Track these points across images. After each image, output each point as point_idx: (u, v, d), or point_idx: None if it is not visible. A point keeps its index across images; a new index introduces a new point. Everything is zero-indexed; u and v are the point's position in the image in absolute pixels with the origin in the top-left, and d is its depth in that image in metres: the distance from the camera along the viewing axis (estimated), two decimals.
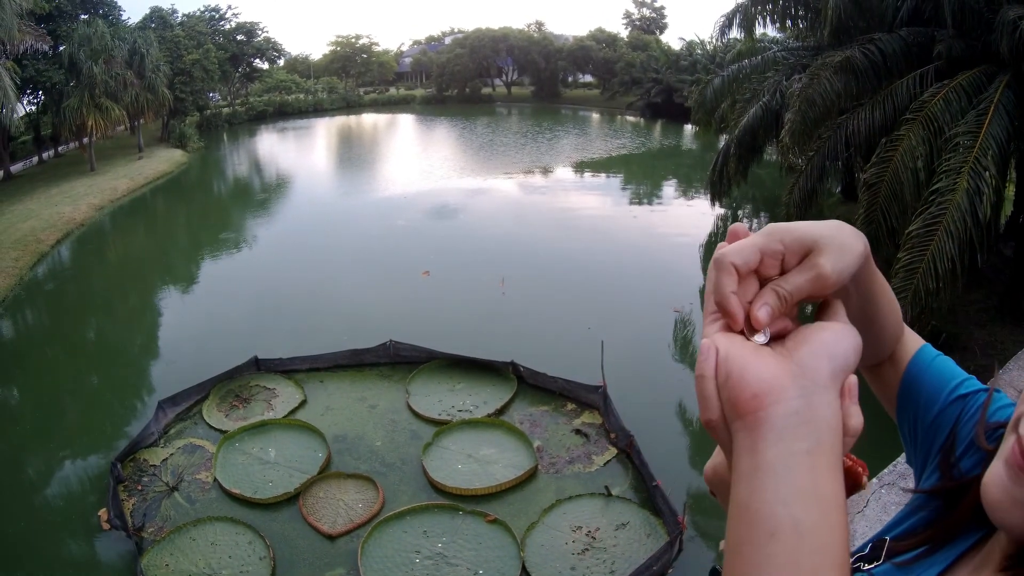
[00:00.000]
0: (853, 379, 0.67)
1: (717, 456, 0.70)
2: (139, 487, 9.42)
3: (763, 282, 0.72)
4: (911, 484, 1.10)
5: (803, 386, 0.63)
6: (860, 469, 0.87)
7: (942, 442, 0.95)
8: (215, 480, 9.52)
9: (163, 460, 9.95)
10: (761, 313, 0.69)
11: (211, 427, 10.76)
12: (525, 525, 8.58)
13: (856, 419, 0.66)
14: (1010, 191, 13.21)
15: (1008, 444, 0.79)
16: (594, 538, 8.43)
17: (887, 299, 1.01)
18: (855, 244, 0.75)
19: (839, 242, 0.73)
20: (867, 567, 1.01)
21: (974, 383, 0.97)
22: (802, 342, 0.68)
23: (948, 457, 0.98)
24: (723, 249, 0.72)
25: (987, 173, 10.19)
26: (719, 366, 0.66)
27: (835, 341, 0.68)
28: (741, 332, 0.70)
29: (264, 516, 8.93)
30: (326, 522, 8.76)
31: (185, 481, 9.56)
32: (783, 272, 0.72)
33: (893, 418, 1.20)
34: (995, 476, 0.80)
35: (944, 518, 0.97)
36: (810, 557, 0.58)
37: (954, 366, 1.14)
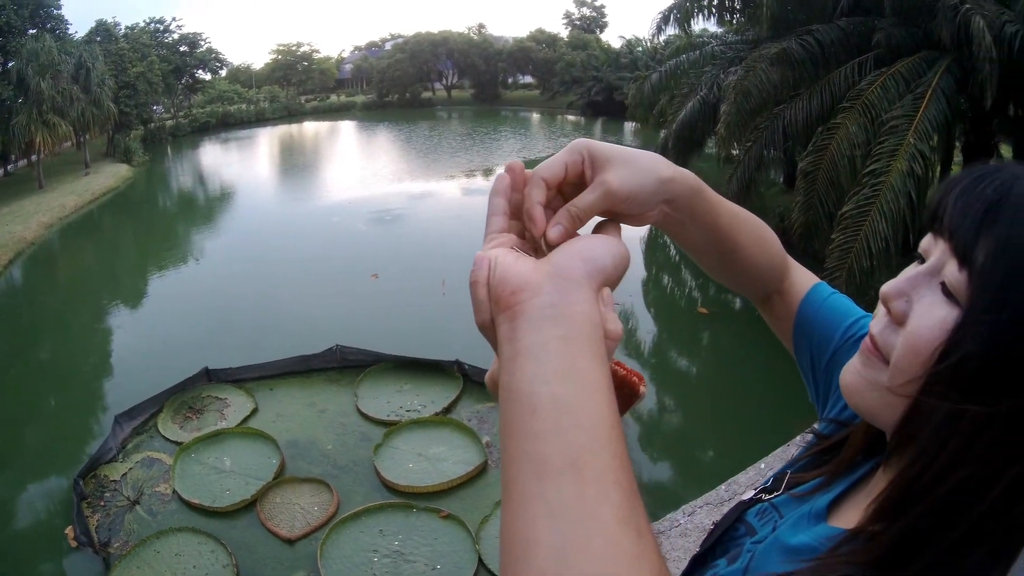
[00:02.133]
0: (607, 290, 0.70)
1: (495, 364, 0.69)
2: (102, 503, 9.29)
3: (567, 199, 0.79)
4: None
5: (557, 283, 0.67)
6: (635, 378, 0.84)
7: (838, 381, 0.94)
8: (174, 491, 9.40)
9: (123, 475, 9.80)
10: (552, 232, 0.75)
11: (167, 439, 10.61)
12: (479, 519, 8.57)
13: (613, 324, 0.68)
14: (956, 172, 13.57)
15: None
16: None
17: (747, 231, 1.05)
18: (655, 167, 0.82)
19: (633, 162, 0.80)
20: (767, 497, 1.05)
21: (869, 321, 0.96)
22: (561, 248, 0.72)
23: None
24: (536, 167, 0.78)
25: (922, 156, 10.41)
26: (490, 273, 0.71)
27: (590, 246, 0.71)
28: (535, 249, 0.77)
29: (224, 524, 8.84)
30: (284, 527, 8.72)
31: (146, 494, 9.43)
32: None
33: (794, 358, 1.22)
34: (850, 364, 0.85)
35: (839, 450, 1.00)
36: (574, 432, 0.59)
37: (850, 304, 1.17)
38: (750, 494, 1.09)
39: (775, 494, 1.04)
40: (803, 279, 1.20)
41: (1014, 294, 0.69)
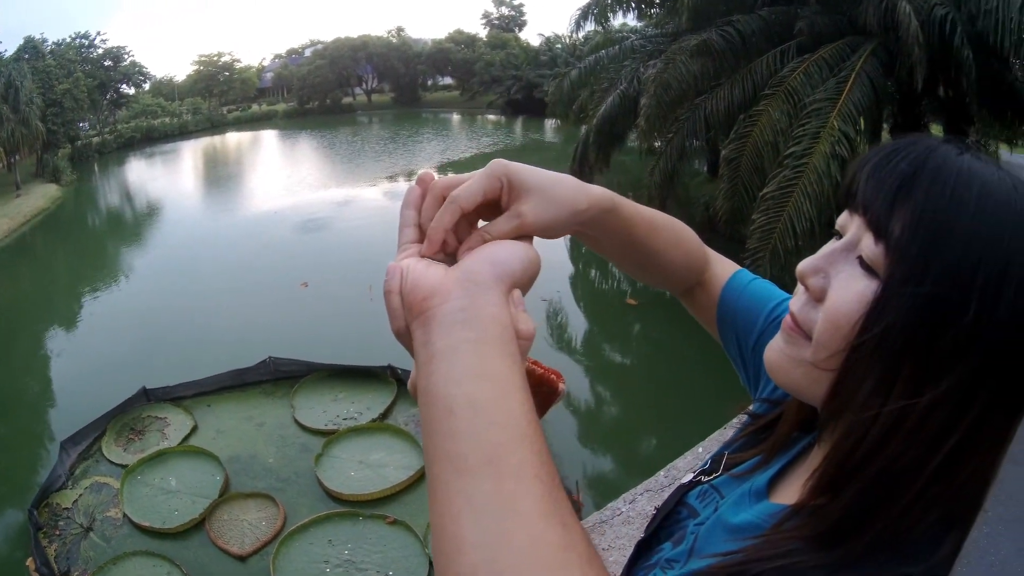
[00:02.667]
0: (517, 292, 0.73)
1: (415, 370, 0.71)
2: (57, 532, 9.13)
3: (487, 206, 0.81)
4: None
5: (466, 287, 0.70)
6: (553, 376, 0.88)
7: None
8: (125, 515, 9.26)
9: (74, 502, 9.64)
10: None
11: (112, 463, 10.44)
12: (425, 523, 8.51)
13: (525, 324, 0.71)
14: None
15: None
16: None
17: (664, 236, 1.08)
18: (573, 199, 0.85)
19: (550, 195, 0.82)
20: (707, 479, 1.06)
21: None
22: (471, 254, 0.74)
23: None
24: (454, 192, 0.78)
25: (847, 137, 10.63)
26: (402, 281, 0.72)
27: (500, 251, 0.74)
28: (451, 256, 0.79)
29: (176, 545, 8.78)
30: (235, 543, 8.67)
31: (98, 520, 9.28)
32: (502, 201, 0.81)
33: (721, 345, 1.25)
34: (773, 343, 0.86)
35: (774, 428, 1.01)
36: (489, 430, 0.61)
37: (772, 287, 1.20)
38: (689, 477, 1.10)
39: (714, 475, 1.05)
40: (723, 268, 1.22)
41: (934, 265, 0.70)
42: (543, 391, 0.86)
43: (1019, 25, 10.41)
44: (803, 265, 0.82)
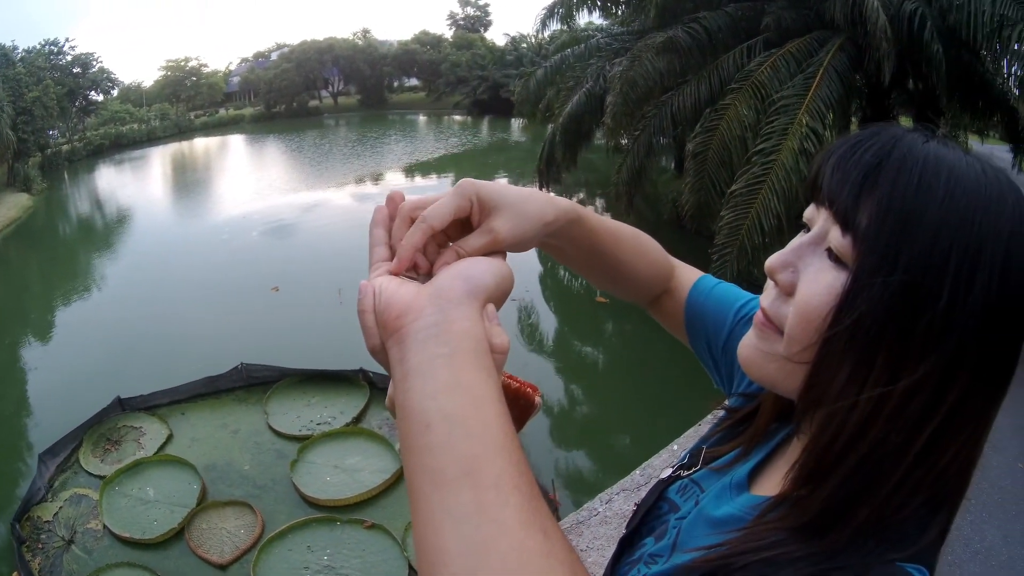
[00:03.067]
0: (491, 306, 0.76)
1: (392, 386, 0.72)
2: (40, 545, 9.00)
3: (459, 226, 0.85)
4: None
5: (439, 304, 0.72)
6: (530, 390, 0.92)
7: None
8: (105, 527, 9.14)
9: (54, 514, 9.49)
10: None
11: (90, 474, 10.30)
12: (403, 526, 8.63)
13: (499, 338, 0.74)
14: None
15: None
16: None
17: (627, 246, 1.14)
18: (541, 212, 0.88)
19: (520, 209, 0.85)
20: (686, 474, 1.08)
21: (758, 301, 0.98)
22: (444, 270, 0.77)
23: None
24: (425, 212, 0.80)
25: (815, 133, 10.71)
26: (376, 300, 0.75)
27: (472, 267, 0.76)
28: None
29: (157, 555, 8.69)
30: (215, 552, 8.59)
31: (79, 532, 9.14)
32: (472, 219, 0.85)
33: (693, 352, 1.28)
34: (745, 339, 0.89)
35: (752, 421, 1.04)
36: (466, 442, 0.63)
37: (737, 290, 1.23)
38: (668, 472, 1.12)
39: (694, 470, 1.07)
40: (688, 275, 1.27)
41: (904, 253, 0.71)
42: (520, 404, 0.89)
43: (991, 18, 10.51)
44: (772, 260, 0.84)
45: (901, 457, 0.72)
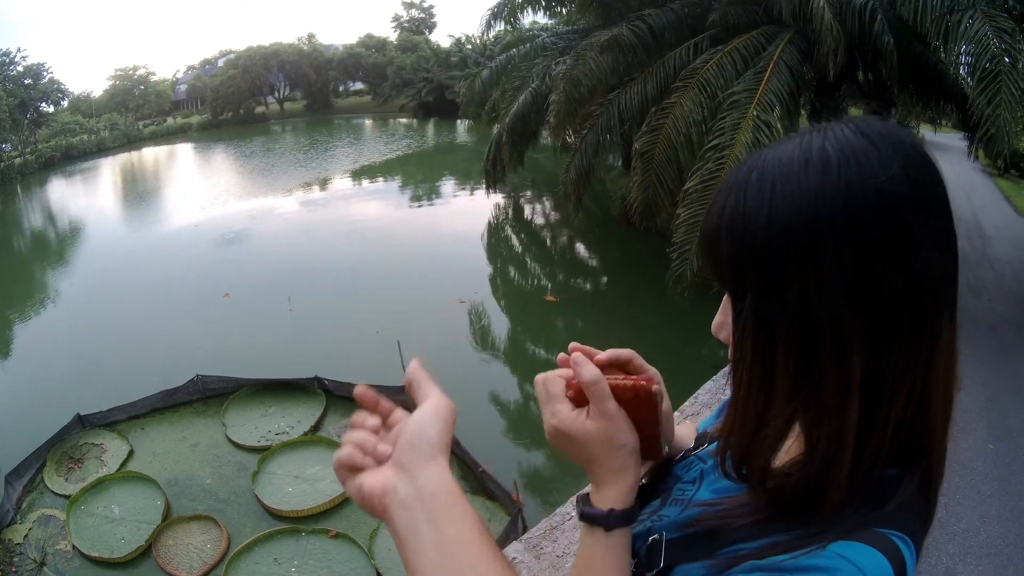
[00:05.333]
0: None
1: None
2: (13, 569, 8.89)
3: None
4: None
5: (403, 478, 0.82)
6: (644, 382, 0.99)
7: None
8: (74, 547, 9.04)
9: (24, 536, 9.36)
10: None
11: (56, 494, 10.15)
12: (367, 533, 8.59)
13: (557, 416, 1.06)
14: None
15: None
16: None
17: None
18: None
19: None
20: (694, 452, 1.19)
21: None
22: (396, 444, 0.86)
23: None
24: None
25: (767, 126, 10.81)
26: (360, 497, 0.84)
27: (415, 431, 0.85)
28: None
29: (127, 574, 8.64)
30: (183, 568, 8.53)
31: (49, 554, 9.03)
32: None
33: None
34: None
35: None
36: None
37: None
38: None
39: (701, 447, 1.19)
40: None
41: (748, 279, 0.84)
42: (643, 403, 0.99)
43: (939, 6, 10.67)
44: (713, 326, 0.99)
45: (844, 432, 0.80)
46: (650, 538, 1.03)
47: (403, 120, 64.00)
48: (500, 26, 20.37)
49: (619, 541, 1.00)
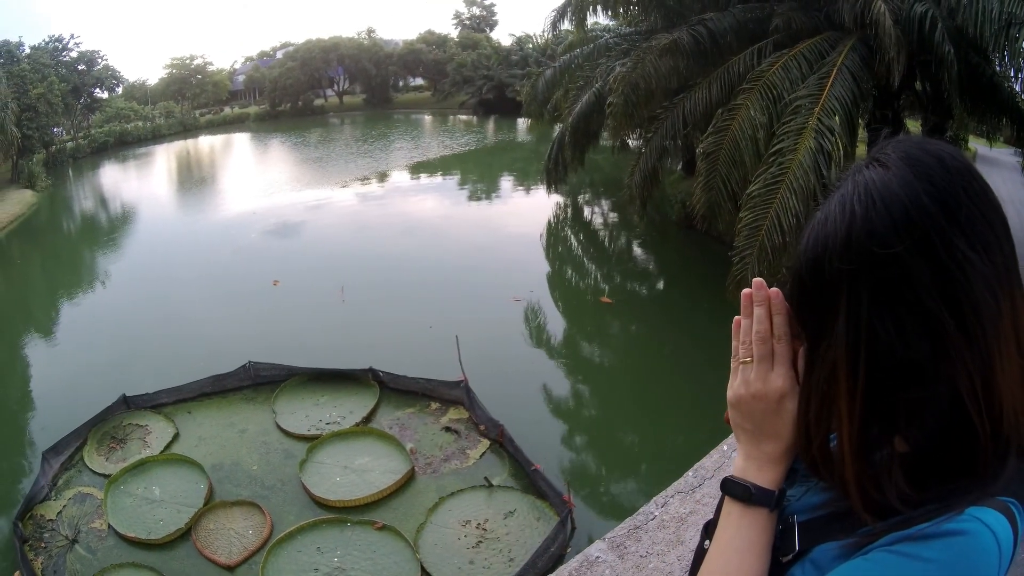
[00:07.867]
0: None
1: None
2: (43, 544, 8.87)
3: None
4: None
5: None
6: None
7: None
8: (109, 526, 9.02)
9: (58, 513, 9.38)
10: None
11: (95, 472, 10.18)
12: (414, 527, 8.51)
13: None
14: (862, 150, 13.78)
15: None
16: (485, 530, 8.40)
17: None
18: None
19: None
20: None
21: None
22: None
23: None
24: None
25: (830, 131, 10.65)
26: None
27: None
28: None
29: (163, 556, 8.56)
30: (222, 553, 8.47)
31: (83, 532, 9.02)
32: None
33: None
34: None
35: None
36: None
37: None
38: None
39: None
40: None
41: (802, 315, 0.99)
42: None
43: (999, 16, 10.43)
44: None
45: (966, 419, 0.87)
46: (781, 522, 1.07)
47: (463, 117, 64.02)
48: (566, 24, 20.35)
49: (772, 522, 1.05)
